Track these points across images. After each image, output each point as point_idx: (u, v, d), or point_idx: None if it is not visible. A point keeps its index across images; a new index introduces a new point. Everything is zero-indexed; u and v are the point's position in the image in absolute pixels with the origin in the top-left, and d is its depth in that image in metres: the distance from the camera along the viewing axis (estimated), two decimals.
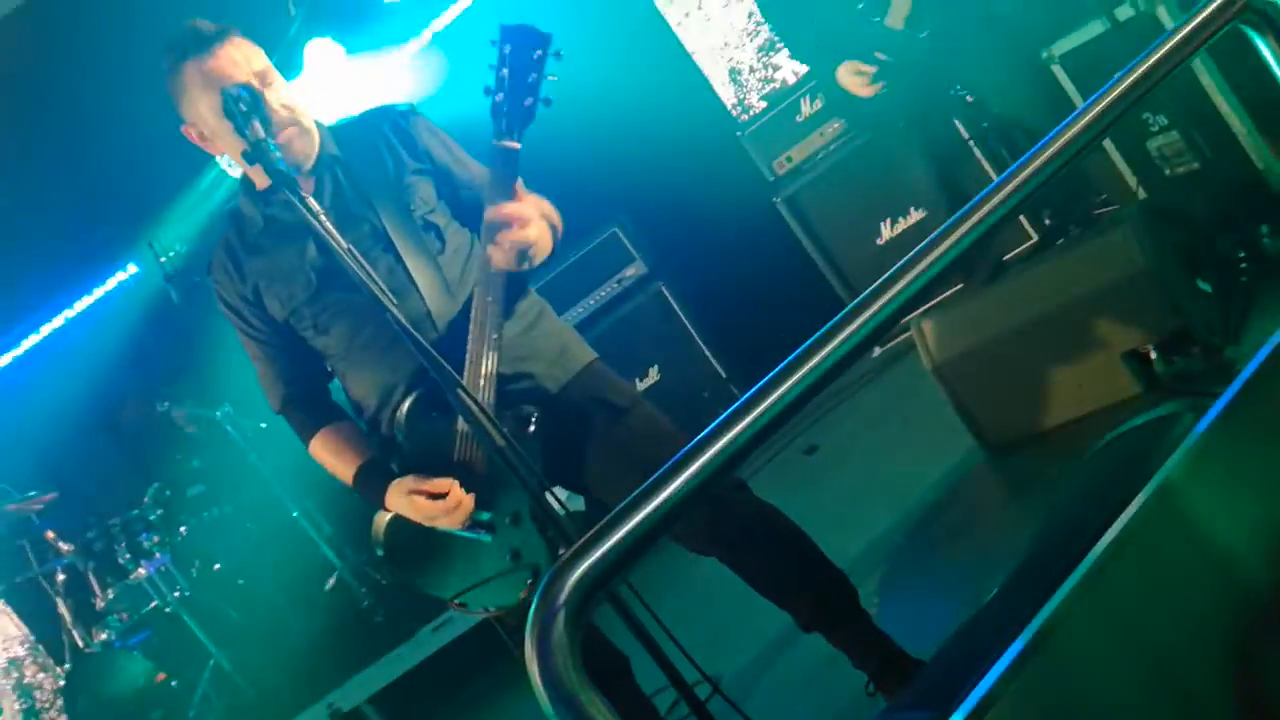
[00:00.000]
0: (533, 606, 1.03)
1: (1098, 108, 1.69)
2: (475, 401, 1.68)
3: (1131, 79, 1.71)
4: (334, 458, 2.15)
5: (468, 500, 1.95)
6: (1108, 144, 3.26)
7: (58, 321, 6.02)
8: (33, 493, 4.99)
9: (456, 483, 1.95)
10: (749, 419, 1.30)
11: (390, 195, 2.08)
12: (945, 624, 2.31)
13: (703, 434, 1.27)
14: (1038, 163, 1.59)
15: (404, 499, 1.99)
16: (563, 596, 1.06)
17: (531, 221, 1.96)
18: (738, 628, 2.90)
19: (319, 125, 2.15)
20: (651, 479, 1.21)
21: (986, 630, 1.98)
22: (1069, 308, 2.82)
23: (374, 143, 2.13)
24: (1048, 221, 3.80)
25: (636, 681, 2.19)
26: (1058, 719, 1.21)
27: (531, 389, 2.06)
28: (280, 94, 2.02)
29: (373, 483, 2.07)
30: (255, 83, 1.97)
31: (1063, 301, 2.84)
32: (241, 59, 2.00)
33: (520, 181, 2.01)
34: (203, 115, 2.01)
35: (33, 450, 5.49)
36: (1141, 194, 3.25)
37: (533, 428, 1.97)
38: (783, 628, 2.27)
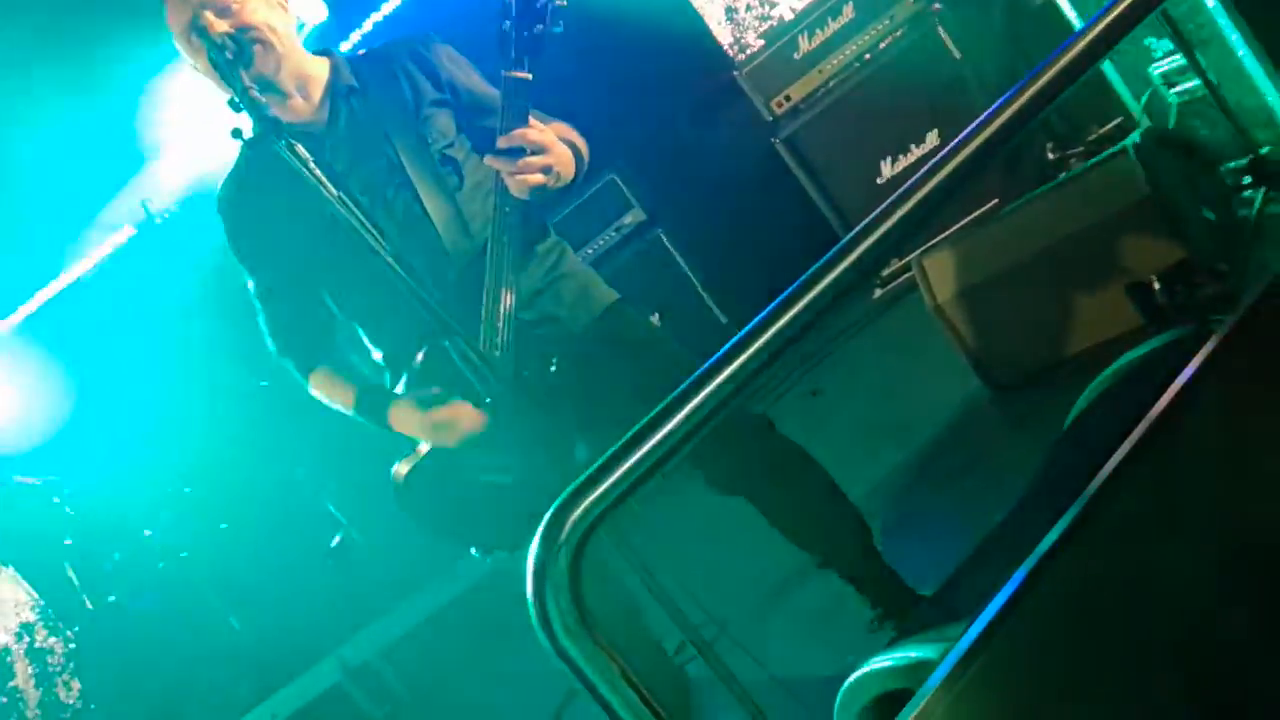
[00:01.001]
0: (534, 544, 1.02)
1: (1096, 29, 1.65)
2: (474, 350, 1.66)
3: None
4: (333, 389, 2.13)
5: (474, 413, 1.91)
6: (1109, 70, 3.20)
7: (65, 279, 5.98)
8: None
9: (465, 402, 1.92)
10: (746, 355, 1.29)
11: (408, 128, 2.03)
12: (951, 561, 2.31)
13: (697, 372, 1.26)
14: (1033, 90, 1.55)
15: (409, 414, 1.96)
16: (564, 533, 1.05)
17: (549, 147, 1.89)
18: (747, 566, 2.91)
19: (333, 54, 2.11)
20: (647, 417, 1.20)
21: (990, 563, 1.98)
22: (1070, 241, 2.79)
23: (392, 73, 2.07)
24: (1050, 155, 3.75)
25: (645, 622, 2.20)
26: (1059, 650, 1.21)
27: (553, 332, 2.04)
28: (253, 15, 1.95)
29: (375, 403, 2.05)
30: (224, 4, 1.92)
31: (1064, 235, 2.80)
32: None
33: (537, 112, 1.94)
34: (188, 48, 1.97)
35: (48, 412, 5.49)
36: (1145, 122, 3.20)
37: (554, 370, 1.95)
38: (793, 566, 2.28)
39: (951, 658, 1.26)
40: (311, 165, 1.74)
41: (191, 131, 5.15)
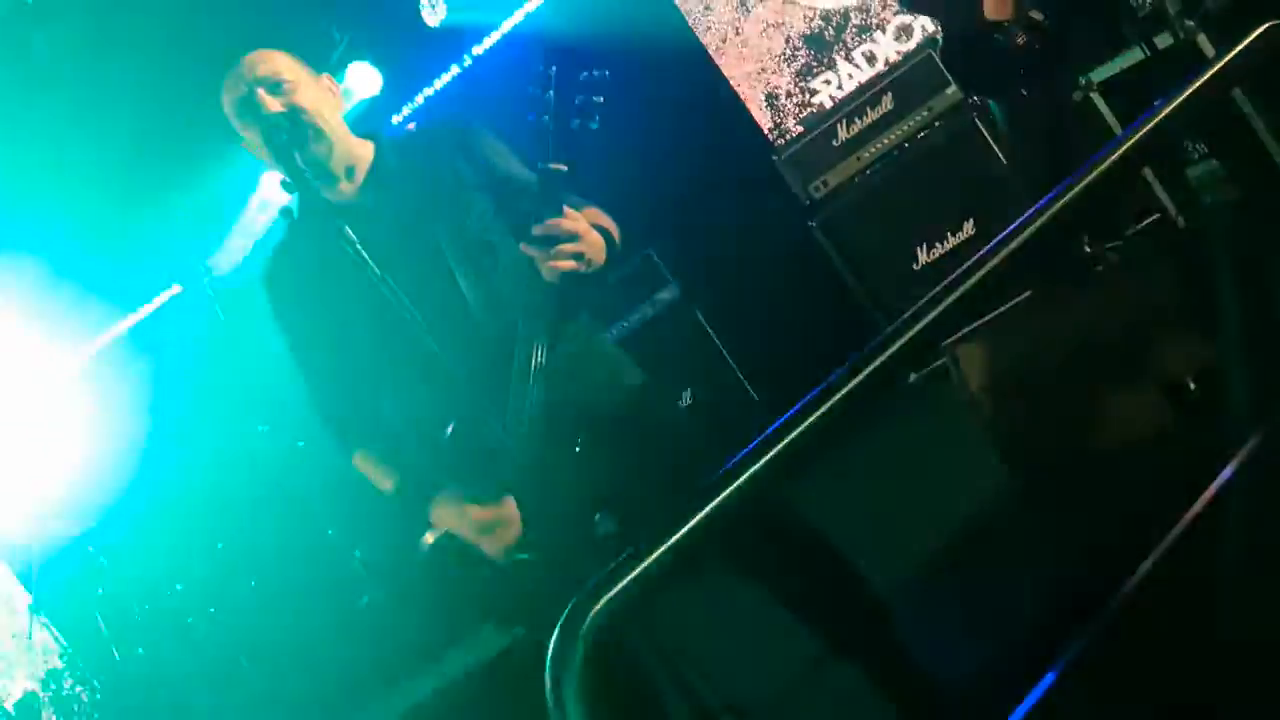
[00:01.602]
0: (553, 639, 1.03)
1: (1138, 135, 1.68)
2: (502, 428, 1.69)
3: (1171, 107, 1.70)
4: (376, 469, 2.15)
5: (517, 518, 1.94)
6: (1147, 172, 3.23)
7: (106, 338, 6.13)
8: None
9: (511, 500, 1.94)
10: (777, 448, 1.31)
11: (448, 211, 2.08)
12: (976, 653, 2.29)
13: (725, 466, 1.27)
14: (1074, 192, 1.58)
15: (453, 510, 1.98)
16: (585, 625, 1.06)
17: (583, 235, 1.93)
18: (767, 654, 2.88)
19: (379, 137, 2.18)
20: (674, 513, 1.22)
21: (1014, 665, 1.96)
22: (1107, 337, 2.79)
23: (435, 157, 2.13)
24: (1087, 249, 3.76)
25: (665, 709, 2.18)
26: None
27: (580, 412, 2.05)
28: (305, 99, 2.03)
29: (417, 497, 2.07)
30: (276, 79, 2.01)
31: (1100, 331, 2.81)
32: (263, 60, 2.03)
33: (571, 199, 1.98)
34: (240, 125, 2.05)
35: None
36: (1181, 222, 3.21)
37: (578, 450, 1.97)
38: (815, 652, 2.26)
39: None
40: (358, 246, 1.79)
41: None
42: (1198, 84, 1.68)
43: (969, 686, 2.14)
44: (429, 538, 2.05)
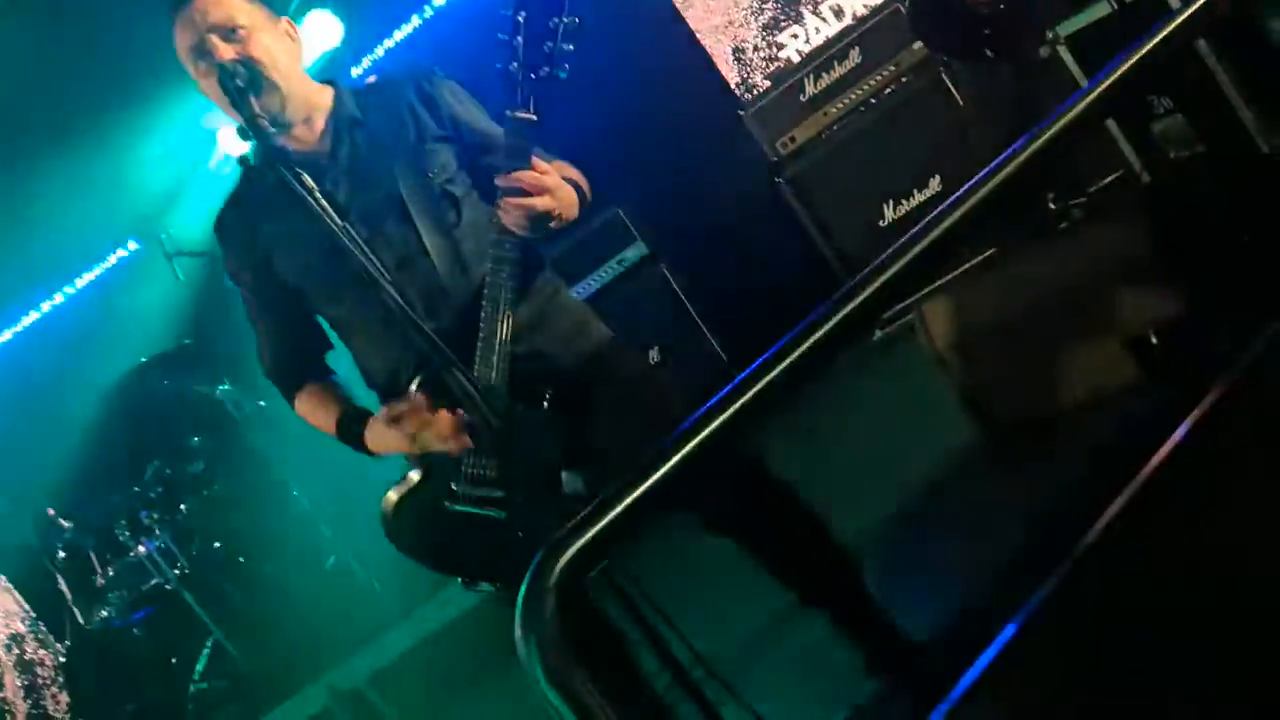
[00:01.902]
0: (522, 588, 1.03)
1: (1100, 88, 1.68)
2: (471, 382, 1.67)
3: (1134, 59, 1.70)
4: (316, 409, 2.14)
5: (452, 423, 1.88)
6: (1112, 126, 3.24)
7: (58, 298, 6.03)
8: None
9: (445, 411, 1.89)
10: (742, 399, 1.30)
11: (409, 161, 2.04)
12: (943, 607, 2.31)
13: (692, 417, 1.27)
14: (1039, 143, 1.58)
15: (385, 425, 1.95)
16: (553, 578, 1.06)
17: (549, 189, 1.89)
18: (738, 605, 2.90)
19: (338, 84, 2.13)
20: (639, 463, 1.21)
21: (980, 616, 1.98)
22: (1071, 293, 2.81)
23: (396, 106, 2.09)
24: (1051, 205, 3.78)
25: (635, 661, 2.19)
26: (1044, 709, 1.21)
27: (545, 367, 2.03)
28: (259, 47, 1.98)
29: (354, 427, 2.05)
30: (231, 27, 1.95)
31: (1065, 287, 2.83)
32: (217, 4, 1.97)
33: (539, 151, 1.94)
34: (194, 70, 2.00)
35: (34, 427, 5.51)
36: (1145, 177, 3.23)
37: (546, 405, 1.96)
38: (784, 604, 2.28)
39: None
40: (317, 194, 1.76)
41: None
42: (1160, 35, 1.68)
43: (934, 638, 2.17)
44: (393, 494, 2.04)
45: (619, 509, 1.17)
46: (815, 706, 2.30)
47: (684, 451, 1.26)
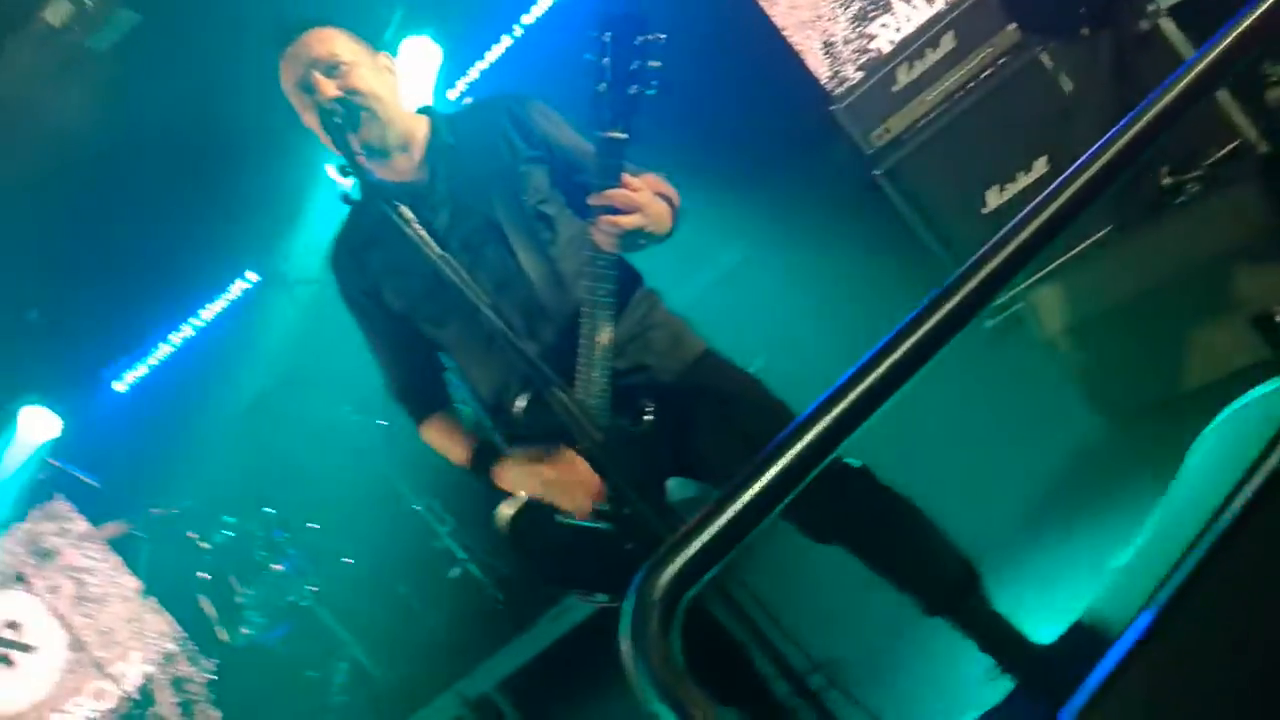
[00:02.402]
0: (627, 604, 1.04)
1: (1209, 58, 1.61)
2: (569, 397, 1.70)
3: (1244, 26, 1.62)
4: (445, 440, 2.21)
5: (591, 475, 1.94)
6: (1225, 96, 3.09)
7: (186, 331, 6.33)
8: (177, 507, 5.26)
9: (576, 456, 1.95)
10: (846, 401, 1.28)
11: (503, 185, 2.09)
12: (1071, 604, 2.24)
13: (793, 423, 1.25)
14: (1147, 118, 1.52)
15: (520, 470, 2.01)
16: (657, 593, 1.06)
17: (640, 206, 1.92)
18: (857, 612, 2.86)
19: (434, 112, 2.20)
20: (744, 472, 1.21)
21: (1110, 612, 1.92)
22: (1190, 271, 2.70)
23: (490, 131, 2.15)
24: (1165, 180, 3.62)
25: (751, 670, 2.19)
26: (1175, 707, 1.17)
27: (646, 381, 2.06)
28: (360, 79, 2.05)
29: (482, 462, 2.12)
30: (333, 62, 2.04)
31: (1183, 264, 2.72)
32: (319, 40, 2.07)
33: (630, 166, 1.98)
34: (299, 104, 2.09)
35: (173, 455, 5.80)
36: (1263, 147, 3.07)
37: (648, 418, 1.98)
38: (903, 612, 2.24)
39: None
40: (415, 225, 1.81)
41: None
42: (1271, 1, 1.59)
43: (1063, 636, 2.10)
44: (507, 508, 2.08)
45: (724, 520, 1.16)
46: (941, 713, 2.26)
47: (788, 458, 1.24)
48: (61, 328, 5.72)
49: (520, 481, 2.03)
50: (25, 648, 5.62)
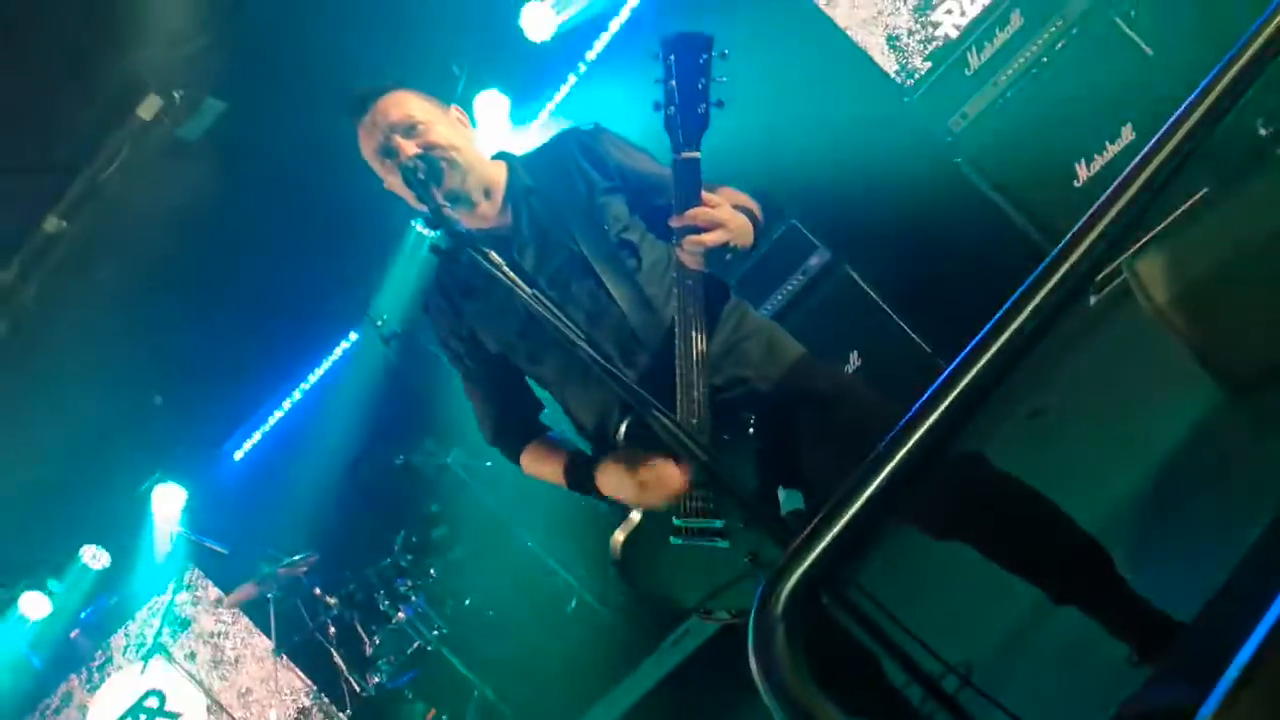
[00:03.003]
0: (751, 618, 1.03)
1: None
2: (672, 420, 1.70)
3: None
4: (542, 464, 2.23)
5: (678, 473, 1.94)
6: None
7: (296, 395, 6.55)
8: (298, 556, 5.42)
9: (666, 458, 1.95)
10: (955, 392, 1.24)
11: (584, 218, 2.13)
12: (1207, 580, 2.14)
13: (906, 417, 1.22)
14: (1236, 68, 1.45)
15: (617, 471, 2.02)
16: (780, 605, 1.05)
17: (722, 222, 1.93)
18: (984, 609, 2.79)
19: (510, 157, 2.25)
20: (856, 474, 1.19)
21: (1250, 585, 1.82)
22: None
23: (565, 168, 2.19)
24: (1262, 131, 3.48)
25: (888, 679, 2.15)
26: None
27: (745, 393, 2.06)
28: (437, 135, 2.11)
29: (582, 472, 2.13)
30: (409, 122, 2.10)
31: None
32: (395, 105, 2.12)
33: (708, 183, 1.98)
34: (381, 168, 2.15)
35: (292, 516, 5.99)
36: None
37: (751, 431, 1.97)
38: (1033, 604, 2.17)
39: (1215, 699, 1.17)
40: (505, 269, 1.84)
41: None
42: None
43: (1200, 618, 2.01)
44: (620, 534, 2.09)
45: (838, 526, 1.15)
46: (1081, 705, 2.17)
47: (899, 457, 1.22)
48: (184, 408, 5.98)
49: (618, 485, 2.03)
50: (171, 715, 5.84)
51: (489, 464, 5.50)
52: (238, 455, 6.66)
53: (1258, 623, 1.34)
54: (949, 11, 4.77)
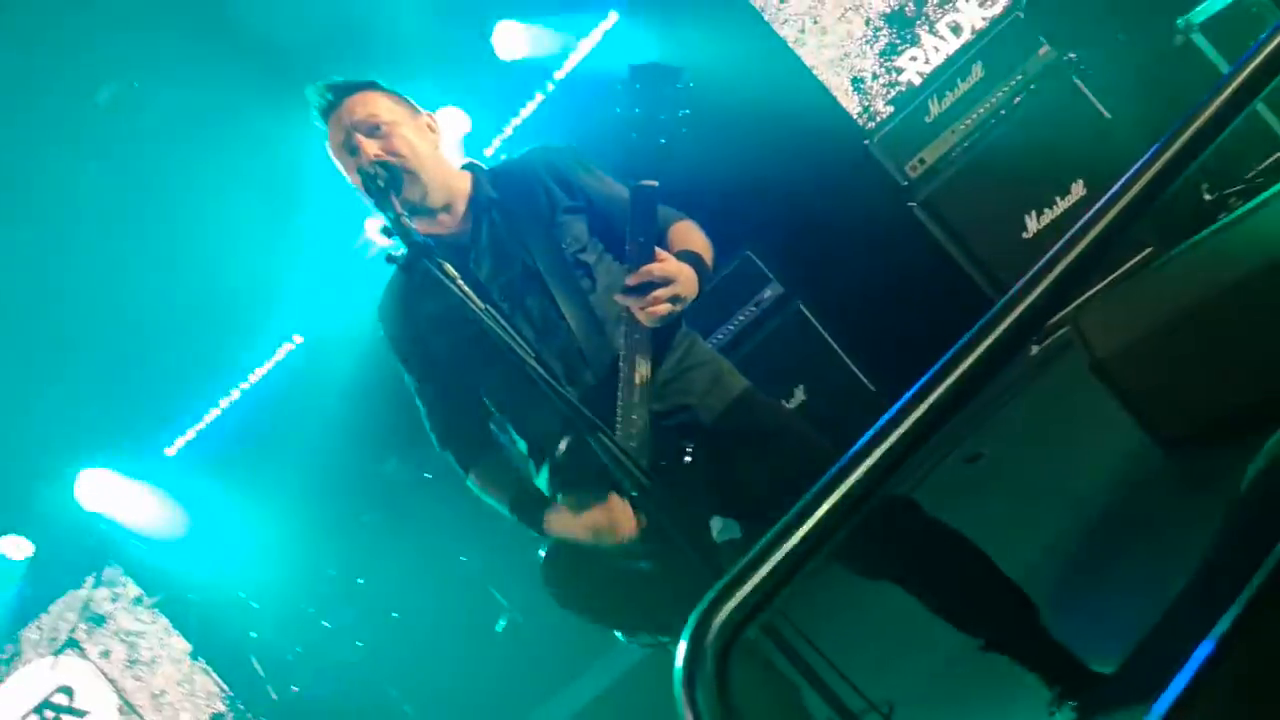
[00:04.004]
0: (680, 648, 1.02)
1: (1246, 71, 1.59)
2: (613, 443, 1.70)
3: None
4: (489, 487, 2.21)
5: (631, 516, 1.94)
6: (1264, 110, 3.05)
7: (235, 394, 6.41)
8: None
9: (618, 497, 1.94)
10: (897, 434, 1.26)
11: (543, 235, 2.12)
12: (1128, 631, 2.18)
13: (844, 458, 1.23)
14: (1183, 138, 1.50)
15: (568, 517, 2.01)
16: (709, 638, 1.05)
17: (674, 276, 1.95)
18: (913, 648, 2.81)
19: (477, 168, 2.24)
20: (792, 510, 1.19)
21: (1171, 637, 1.86)
22: (1236, 288, 2.64)
23: (530, 183, 2.18)
24: (1206, 196, 3.58)
25: (806, 713, 2.15)
26: None
27: (686, 421, 2.06)
28: (401, 141, 2.09)
29: (530, 510, 2.11)
30: (375, 124, 2.07)
31: (1229, 282, 2.65)
32: (363, 103, 2.11)
33: (666, 211, 2.00)
34: (342, 165, 2.13)
35: (219, 514, 5.85)
36: None
37: (688, 459, 1.97)
38: (957, 646, 2.19)
39: None
40: (459, 282, 1.83)
41: None
42: None
43: (1123, 668, 2.04)
44: (549, 551, 2.08)
45: (773, 562, 1.14)
46: None
47: (838, 495, 1.22)
48: (116, 396, 5.84)
49: (569, 529, 2.02)
50: (79, 713, 5.67)
51: (428, 476, 5.43)
52: (170, 451, 6.50)
53: (1176, 674, 1.36)
54: (913, 59, 4.86)
